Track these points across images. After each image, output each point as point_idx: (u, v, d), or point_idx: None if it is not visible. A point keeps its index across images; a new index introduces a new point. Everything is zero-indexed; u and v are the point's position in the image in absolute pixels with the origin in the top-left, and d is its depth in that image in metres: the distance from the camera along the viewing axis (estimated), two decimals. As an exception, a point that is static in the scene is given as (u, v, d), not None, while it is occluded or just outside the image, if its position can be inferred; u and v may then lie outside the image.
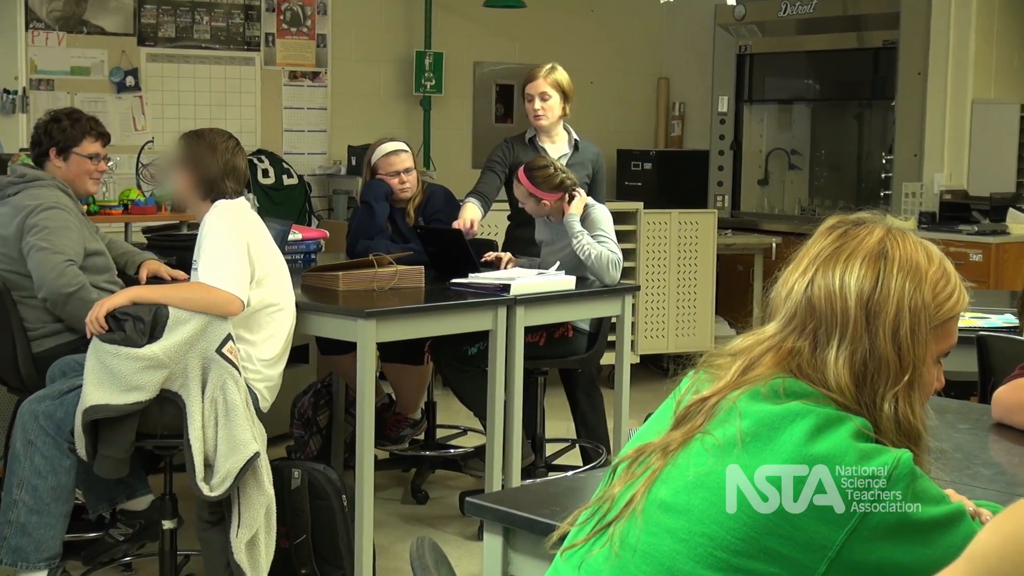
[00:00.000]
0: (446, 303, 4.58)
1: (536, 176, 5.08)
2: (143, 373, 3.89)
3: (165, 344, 3.91)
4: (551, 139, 5.53)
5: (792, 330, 1.72)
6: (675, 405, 1.75)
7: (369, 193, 5.45)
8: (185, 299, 3.98)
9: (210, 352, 3.94)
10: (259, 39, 8.16)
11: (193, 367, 3.93)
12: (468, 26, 9.04)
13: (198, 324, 3.95)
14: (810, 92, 9.68)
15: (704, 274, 7.88)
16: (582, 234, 4.98)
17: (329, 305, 4.47)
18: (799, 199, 9.48)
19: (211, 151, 4.22)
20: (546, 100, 5.45)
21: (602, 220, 5.08)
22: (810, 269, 1.72)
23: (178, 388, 3.93)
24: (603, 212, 5.11)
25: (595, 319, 5.21)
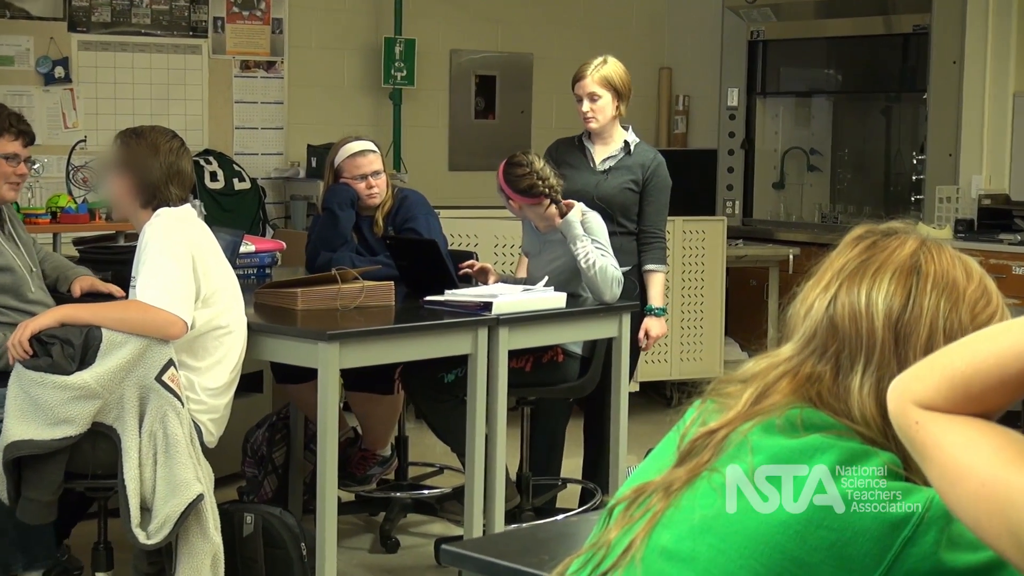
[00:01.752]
0: (419, 324, 4.58)
1: (507, 173, 5.10)
2: (73, 404, 3.88)
3: (98, 371, 3.90)
4: (603, 141, 5.53)
5: (812, 353, 1.72)
6: (679, 439, 1.75)
7: (332, 199, 5.45)
8: (120, 320, 3.97)
9: (148, 380, 3.93)
10: (206, 24, 8.16)
11: (129, 397, 3.92)
12: (444, 9, 9.06)
13: (135, 348, 3.94)
14: (831, 84, 9.71)
15: (712, 290, 7.89)
16: (585, 239, 4.97)
17: (286, 326, 4.46)
18: (819, 205, 9.50)
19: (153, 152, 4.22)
20: (595, 101, 5.44)
21: (598, 230, 5.07)
22: (833, 285, 1.73)
23: (112, 421, 3.92)
24: (598, 221, 5.11)
25: (588, 342, 5.21)
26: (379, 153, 5.57)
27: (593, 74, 5.44)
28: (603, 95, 5.43)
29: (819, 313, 1.72)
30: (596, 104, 5.43)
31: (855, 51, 9.26)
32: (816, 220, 9.35)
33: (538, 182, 5.04)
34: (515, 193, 5.08)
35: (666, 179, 5.51)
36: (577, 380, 5.23)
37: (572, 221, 5.02)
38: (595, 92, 5.43)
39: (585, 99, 5.45)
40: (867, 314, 1.69)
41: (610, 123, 5.47)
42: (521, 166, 5.07)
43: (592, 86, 5.44)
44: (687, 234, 7.80)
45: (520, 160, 5.09)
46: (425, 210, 5.55)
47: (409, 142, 8.87)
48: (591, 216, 5.12)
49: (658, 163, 5.51)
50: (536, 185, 5.04)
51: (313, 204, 8.03)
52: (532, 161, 5.08)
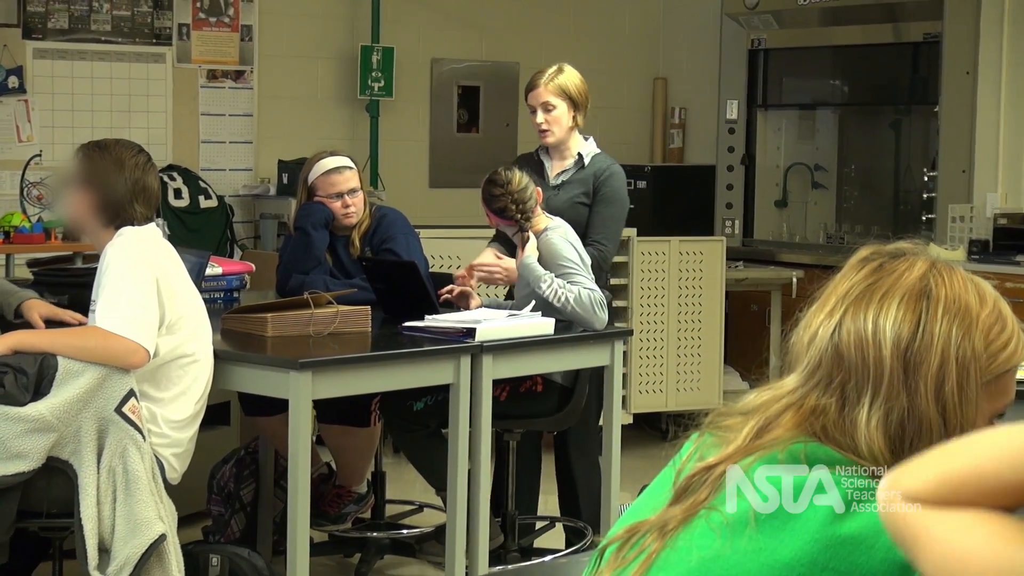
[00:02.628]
0: (397, 351, 4.57)
1: (485, 188, 5.12)
2: (27, 437, 3.86)
3: (53, 402, 3.89)
4: (560, 155, 5.53)
5: (816, 384, 1.72)
6: (675, 475, 1.75)
7: (305, 218, 5.44)
8: (78, 347, 3.96)
9: (108, 411, 3.92)
10: (170, 31, 8.16)
11: (87, 430, 3.91)
12: (424, 16, 9.07)
13: (93, 378, 3.93)
14: (837, 95, 9.74)
15: (710, 315, 7.89)
16: (548, 278, 4.95)
17: (255, 354, 4.45)
18: (824, 224, 9.52)
19: (117, 167, 4.22)
20: (550, 111, 5.43)
21: (561, 247, 5.04)
22: (838, 310, 1.73)
23: (68, 456, 3.91)
24: (561, 238, 5.08)
25: (569, 372, 5.20)
26: (356, 169, 5.57)
27: (547, 83, 5.43)
28: (558, 105, 5.43)
29: (823, 341, 1.72)
30: (551, 115, 5.43)
31: (862, 61, 9.29)
32: (821, 240, 9.37)
33: (511, 206, 5.04)
34: (489, 211, 5.11)
35: (618, 191, 5.45)
36: (558, 412, 5.21)
37: (528, 264, 4.99)
38: (549, 102, 5.43)
39: (539, 110, 5.44)
40: (874, 342, 1.69)
41: (567, 135, 5.47)
42: (498, 185, 5.07)
43: (546, 95, 5.43)
44: (684, 255, 7.80)
45: (498, 179, 5.09)
46: (404, 230, 5.54)
47: (387, 157, 8.87)
48: (552, 236, 5.07)
49: (611, 173, 5.47)
50: (508, 209, 5.05)
51: (284, 223, 8.02)
52: (510, 180, 5.07)
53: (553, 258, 5.01)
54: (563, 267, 4.99)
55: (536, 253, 5.04)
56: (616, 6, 9.83)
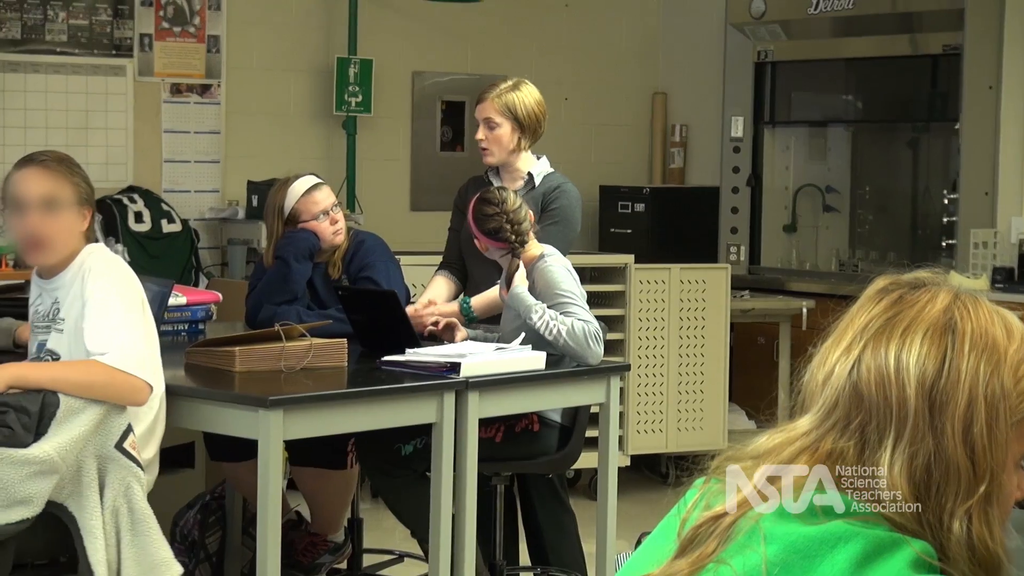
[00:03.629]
0: (376, 388, 4.56)
1: (477, 208, 5.09)
2: (32, 481, 3.84)
3: (58, 442, 3.87)
4: (510, 176, 5.52)
5: (833, 426, 1.71)
6: (679, 524, 1.74)
7: (288, 247, 5.41)
8: (82, 384, 3.95)
9: (108, 448, 3.93)
10: (131, 42, 8.16)
11: (88, 469, 3.91)
12: (406, 25, 9.08)
13: (95, 415, 3.93)
14: (850, 112, 9.76)
15: (714, 349, 7.89)
16: (540, 308, 4.93)
17: (221, 391, 4.44)
18: (837, 251, 9.53)
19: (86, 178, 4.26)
20: (492, 129, 5.41)
21: (559, 277, 5.03)
22: (856, 346, 1.72)
23: (65, 498, 3.90)
24: (558, 265, 5.06)
25: (569, 409, 5.19)
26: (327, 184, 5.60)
27: (495, 97, 5.41)
28: (501, 124, 5.40)
29: (841, 379, 1.72)
30: (492, 133, 5.41)
31: (877, 74, 9.31)
32: (833, 268, 9.38)
33: (505, 226, 5.02)
34: (479, 232, 5.08)
35: (566, 210, 5.41)
36: (557, 452, 5.20)
37: (518, 294, 4.97)
38: (492, 119, 5.40)
39: (481, 125, 5.43)
40: (897, 380, 1.69)
41: (508, 157, 5.45)
42: (491, 204, 5.05)
43: (490, 111, 5.41)
44: (685, 284, 7.81)
45: (492, 197, 5.07)
46: (384, 256, 5.54)
47: (365, 178, 8.87)
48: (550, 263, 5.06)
49: (560, 193, 5.44)
50: (503, 230, 5.03)
51: (254, 249, 8.01)
52: (506, 200, 5.05)
53: (549, 287, 5.00)
54: (559, 296, 4.97)
55: (527, 282, 5.02)
56: (612, 15, 9.85)
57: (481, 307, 5.37)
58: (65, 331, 4.16)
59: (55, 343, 4.21)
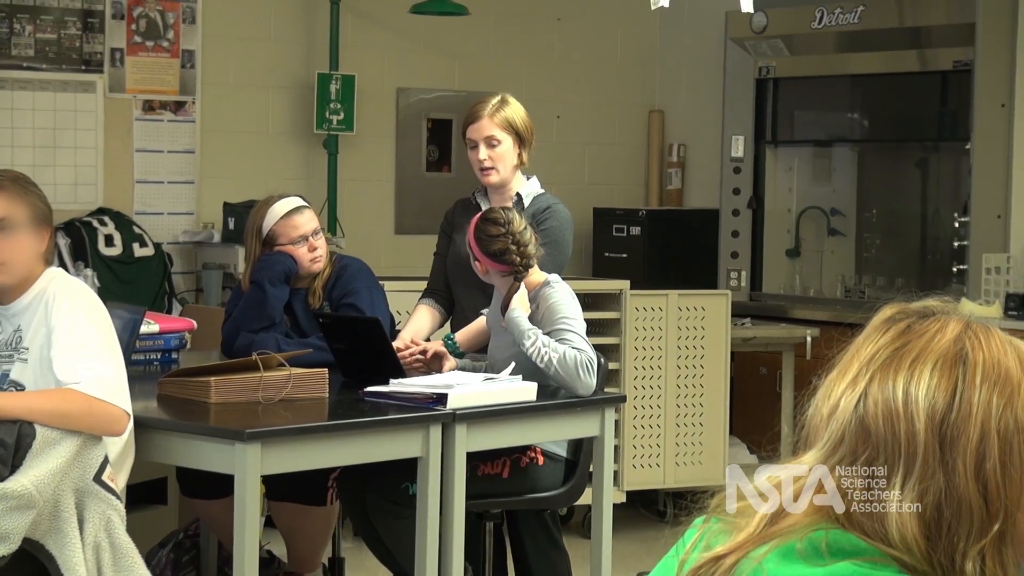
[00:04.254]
0: (358, 420, 4.56)
1: (480, 228, 5.08)
2: (8, 517, 3.83)
3: (35, 474, 3.86)
4: (501, 197, 5.52)
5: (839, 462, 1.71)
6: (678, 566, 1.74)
7: (263, 272, 5.42)
8: (59, 414, 3.95)
9: (86, 481, 3.94)
10: (102, 56, 8.16)
11: (66, 504, 3.90)
12: (390, 40, 9.10)
13: (73, 446, 3.93)
14: (856, 130, 9.77)
15: (713, 379, 7.88)
16: (533, 334, 4.93)
17: (195, 423, 4.44)
18: (842, 276, 9.54)
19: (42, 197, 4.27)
20: (494, 147, 5.44)
21: (563, 303, 5.04)
22: (862, 378, 1.72)
23: (42, 535, 3.89)
24: (564, 293, 5.08)
25: (573, 441, 5.19)
26: (313, 209, 5.59)
27: (492, 114, 5.44)
28: (503, 140, 5.43)
29: (847, 413, 1.72)
30: (495, 151, 5.43)
31: (884, 92, 9.33)
32: (838, 295, 9.38)
33: (511, 248, 5.01)
34: (482, 253, 5.06)
35: (556, 231, 5.41)
36: (562, 487, 5.21)
37: (514, 318, 4.97)
38: (494, 136, 5.43)
39: (481, 145, 5.43)
40: (905, 414, 1.69)
41: (511, 174, 5.48)
42: (497, 224, 5.04)
43: (491, 128, 5.44)
44: (683, 311, 7.81)
45: (498, 217, 5.07)
46: (367, 282, 5.54)
47: (348, 199, 8.87)
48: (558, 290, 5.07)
49: (550, 214, 5.46)
50: (508, 252, 5.02)
51: (230, 274, 8.01)
52: (512, 221, 5.05)
53: (553, 314, 5.00)
54: (559, 322, 4.97)
55: (528, 307, 5.01)
56: (606, 29, 9.87)
57: (467, 341, 5.37)
58: (30, 361, 4.16)
59: (19, 373, 4.20)
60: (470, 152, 5.49)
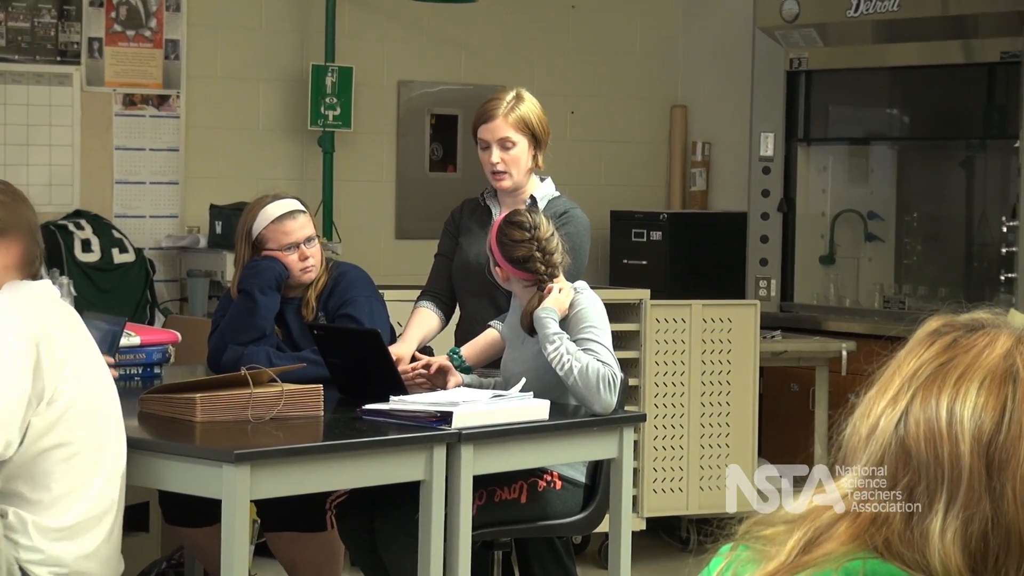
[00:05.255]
0: (356, 440, 4.56)
1: (503, 232, 5.07)
2: None
3: None
4: (513, 199, 5.52)
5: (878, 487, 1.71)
6: (702, 598, 1.74)
7: (252, 279, 5.43)
8: None
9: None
10: (79, 47, 8.17)
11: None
12: (391, 29, 9.10)
13: None
14: (895, 127, 9.77)
15: (740, 397, 7.88)
16: (558, 339, 4.93)
17: (179, 444, 4.44)
18: (881, 285, 9.53)
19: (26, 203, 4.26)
20: (509, 149, 5.43)
21: (592, 314, 5.05)
22: (903, 396, 1.72)
23: None
24: (593, 303, 5.09)
25: (592, 464, 5.19)
26: (309, 214, 5.59)
27: (507, 113, 5.44)
28: (518, 141, 5.43)
29: (886, 434, 1.72)
30: (510, 153, 5.42)
31: (926, 85, 9.33)
32: (876, 305, 9.37)
33: (536, 255, 5.01)
34: (504, 259, 5.06)
35: (572, 239, 5.39)
36: (582, 513, 5.21)
37: (542, 318, 4.96)
38: (509, 137, 5.42)
39: (494, 147, 5.43)
40: (949, 435, 1.69)
41: (525, 179, 5.48)
42: (523, 229, 5.04)
43: (505, 129, 5.43)
44: (708, 323, 7.80)
45: (524, 221, 5.06)
46: (366, 291, 5.54)
47: (344, 201, 8.87)
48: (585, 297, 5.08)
49: (568, 219, 5.46)
50: (533, 259, 5.02)
51: (217, 282, 8.01)
52: (539, 226, 5.04)
53: (580, 322, 5.00)
54: (586, 331, 4.97)
55: (559, 308, 5.00)
56: (625, 18, 9.87)
57: (474, 355, 5.36)
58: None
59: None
60: (481, 153, 5.49)
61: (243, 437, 4.48)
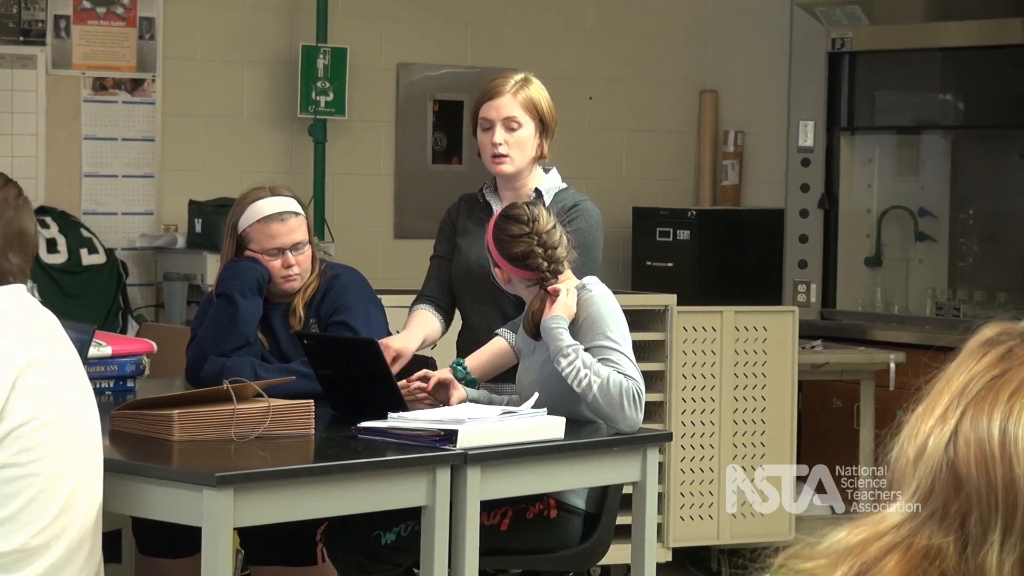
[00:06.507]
0: (351, 462, 4.57)
1: (499, 227, 5.07)
2: None
3: None
4: (514, 191, 5.53)
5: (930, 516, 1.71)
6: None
7: (231, 281, 5.44)
8: None
9: None
10: (44, 25, 8.18)
11: None
12: (389, 6, 9.11)
13: None
14: (948, 115, 9.76)
15: (777, 414, 7.88)
16: (573, 352, 4.92)
17: (154, 465, 4.44)
18: (933, 290, 9.53)
19: None
20: (513, 130, 5.44)
21: (607, 318, 5.02)
22: (952, 413, 1.72)
23: None
24: (607, 303, 5.05)
25: (595, 489, 5.19)
26: (304, 216, 5.59)
27: (516, 91, 5.46)
28: (525, 123, 5.44)
29: (936, 457, 1.72)
30: (515, 135, 5.42)
31: (983, 68, 9.32)
32: (928, 312, 9.37)
33: (537, 250, 5.00)
34: (502, 258, 5.06)
35: (583, 235, 5.39)
36: (579, 545, 5.20)
37: (551, 329, 4.92)
38: (515, 117, 5.43)
39: (498, 126, 5.43)
40: (1002, 456, 1.68)
41: (527, 166, 5.49)
42: (520, 222, 5.04)
43: (512, 107, 5.44)
44: (741, 332, 7.81)
45: (520, 214, 5.06)
46: (362, 296, 5.55)
47: (338, 197, 8.88)
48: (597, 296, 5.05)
49: (577, 213, 5.46)
50: (533, 255, 5.01)
51: (197, 286, 8.02)
52: (536, 218, 5.04)
53: (596, 326, 4.97)
54: (602, 338, 4.95)
55: (572, 312, 4.98)
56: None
57: (480, 367, 5.34)
58: None
59: None
60: (482, 135, 5.49)
61: (225, 458, 4.49)
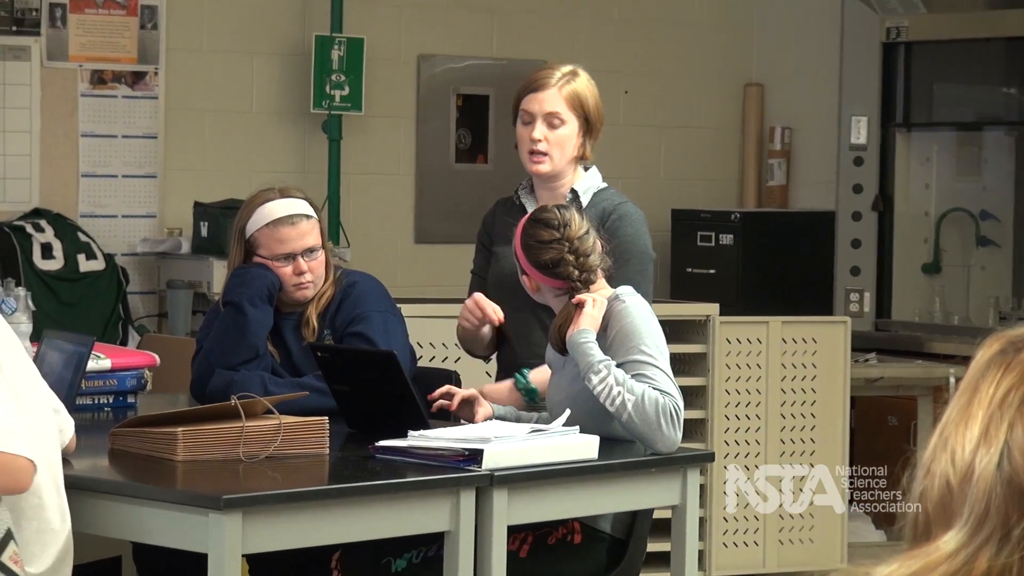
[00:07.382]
0: (368, 484, 4.57)
1: (528, 232, 5.06)
2: None
3: None
4: (550, 192, 5.52)
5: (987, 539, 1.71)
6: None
7: (239, 289, 5.45)
8: None
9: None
10: (38, 15, 8.20)
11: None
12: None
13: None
14: (1013, 110, 9.75)
15: (828, 431, 7.88)
16: (604, 368, 4.90)
17: (158, 487, 4.45)
18: (996, 299, 9.52)
19: None
20: (556, 127, 5.43)
21: (642, 330, 5.00)
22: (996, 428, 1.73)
23: None
24: (641, 313, 5.04)
25: (623, 514, 5.19)
26: (316, 219, 5.59)
27: (562, 85, 5.45)
28: (568, 120, 5.43)
29: (988, 478, 1.72)
30: (556, 132, 5.40)
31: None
32: (991, 323, 9.35)
33: (568, 257, 4.99)
34: (531, 264, 5.05)
35: (633, 240, 5.42)
36: (605, 574, 5.20)
37: (579, 344, 4.89)
38: (559, 113, 5.41)
39: (539, 121, 5.42)
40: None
41: (566, 167, 5.48)
42: (550, 227, 5.02)
43: (557, 102, 5.43)
44: (789, 343, 7.81)
45: (551, 218, 5.04)
46: (381, 305, 5.55)
47: (354, 198, 8.89)
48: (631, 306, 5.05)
49: (619, 216, 5.46)
50: (564, 262, 4.99)
51: (202, 295, 8.03)
52: (568, 223, 5.02)
53: (627, 340, 4.96)
54: (637, 352, 4.94)
55: (597, 324, 4.97)
56: (689, -21, 9.90)
57: (543, 383, 5.34)
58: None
59: None
60: (521, 128, 5.47)
61: (233, 480, 4.49)
